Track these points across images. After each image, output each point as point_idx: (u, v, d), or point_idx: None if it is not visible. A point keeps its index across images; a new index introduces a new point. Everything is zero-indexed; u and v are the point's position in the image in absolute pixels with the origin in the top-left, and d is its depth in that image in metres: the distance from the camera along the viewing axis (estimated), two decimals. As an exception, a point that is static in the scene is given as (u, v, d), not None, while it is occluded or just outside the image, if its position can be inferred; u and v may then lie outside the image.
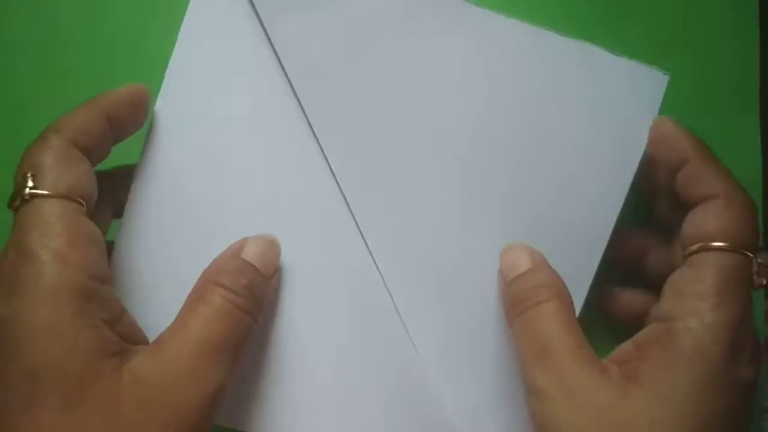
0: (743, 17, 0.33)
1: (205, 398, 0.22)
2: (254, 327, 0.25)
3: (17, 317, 0.21)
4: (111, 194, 0.27)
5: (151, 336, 0.24)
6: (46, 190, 0.23)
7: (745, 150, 0.32)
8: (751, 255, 0.24)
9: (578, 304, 0.27)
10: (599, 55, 0.27)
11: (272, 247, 0.26)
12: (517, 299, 0.25)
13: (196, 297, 0.24)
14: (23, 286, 0.21)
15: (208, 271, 0.25)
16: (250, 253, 0.25)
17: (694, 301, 0.23)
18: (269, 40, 0.28)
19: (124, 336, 0.23)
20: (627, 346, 0.25)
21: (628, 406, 0.22)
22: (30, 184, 0.22)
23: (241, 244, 0.26)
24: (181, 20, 0.31)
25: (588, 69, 0.27)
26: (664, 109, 0.32)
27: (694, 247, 0.25)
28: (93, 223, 0.24)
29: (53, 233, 0.22)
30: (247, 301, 0.24)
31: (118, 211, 0.27)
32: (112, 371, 0.21)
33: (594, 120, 0.27)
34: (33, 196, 0.22)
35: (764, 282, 0.24)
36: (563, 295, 0.25)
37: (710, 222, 0.25)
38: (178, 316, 0.23)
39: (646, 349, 0.24)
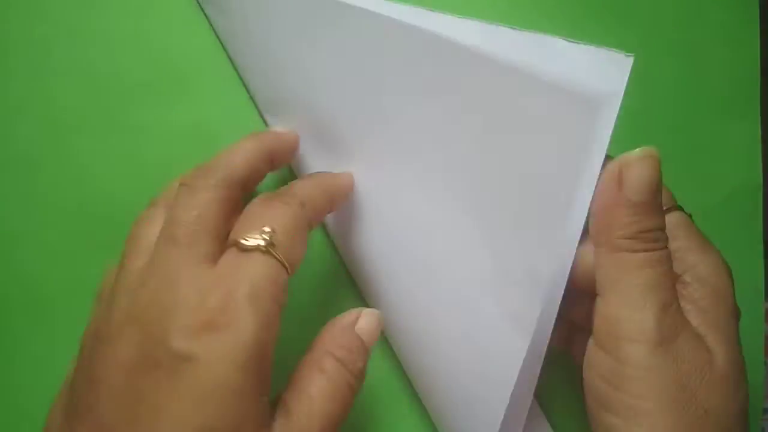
0: (744, 17, 0.32)
1: None
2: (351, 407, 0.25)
3: (205, 359, 0.21)
4: None
5: None
6: (282, 256, 0.23)
7: (745, 151, 0.32)
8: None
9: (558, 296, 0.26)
10: (556, 45, 0.25)
11: (379, 325, 0.26)
12: (600, 227, 0.25)
13: (318, 367, 0.24)
14: (217, 330, 0.21)
15: (329, 341, 0.25)
16: (362, 328, 0.26)
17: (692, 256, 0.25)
18: None
19: (268, 403, 0.23)
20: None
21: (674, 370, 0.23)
22: (273, 242, 0.23)
23: (357, 317, 0.26)
24: (181, 20, 0.31)
25: (546, 60, 0.25)
26: (664, 110, 0.33)
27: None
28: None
29: (280, 300, 0.23)
30: (359, 383, 0.25)
31: None
32: None
33: (557, 111, 0.25)
34: (272, 255, 0.23)
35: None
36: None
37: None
38: (299, 382, 0.24)
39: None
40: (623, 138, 0.32)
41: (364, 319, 0.26)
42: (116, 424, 0.21)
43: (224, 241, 0.24)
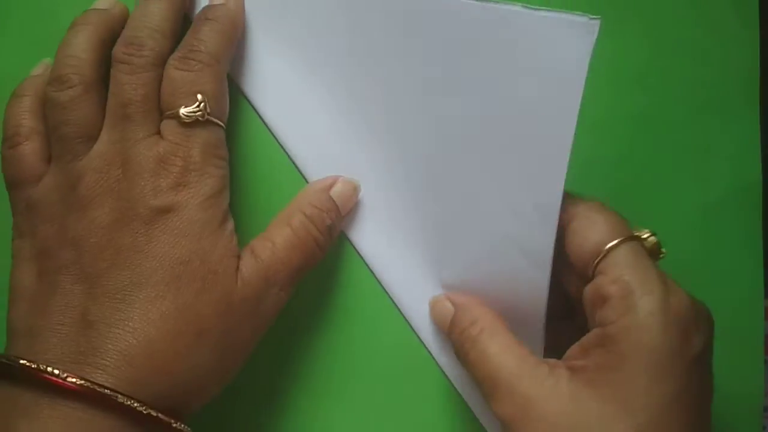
0: (744, 17, 0.32)
1: (278, 312, 0.27)
2: (320, 259, 0.29)
3: (176, 209, 0.25)
4: None
5: None
6: (217, 120, 0.27)
7: (745, 151, 0.32)
8: (641, 235, 0.25)
9: (545, 264, 0.27)
10: (518, 14, 0.24)
11: (355, 192, 0.30)
12: (457, 347, 0.27)
13: (286, 220, 0.28)
14: (182, 185, 0.26)
15: (301, 199, 0.29)
16: (338, 193, 0.29)
17: (620, 301, 0.24)
18: None
19: (232, 236, 0.27)
20: (574, 349, 0.25)
21: (580, 411, 0.23)
22: (208, 110, 0.26)
23: (333, 182, 0.30)
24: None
25: (507, 30, 0.25)
26: (665, 110, 0.33)
27: (597, 260, 0.25)
28: None
29: (223, 156, 0.27)
30: (326, 240, 0.28)
31: None
32: (233, 270, 0.26)
33: (525, 83, 0.25)
34: (209, 122, 0.27)
35: (663, 250, 0.26)
36: (487, 320, 0.26)
37: (591, 233, 0.25)
38: (268, 231, 0.28)
39: (590, 351, 0.24)
40: (623, 138, 0.32)
41: (340, 185, 0.30)
42: (100, 271, 0.25)
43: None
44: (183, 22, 0.29)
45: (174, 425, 0.24)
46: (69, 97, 0.26)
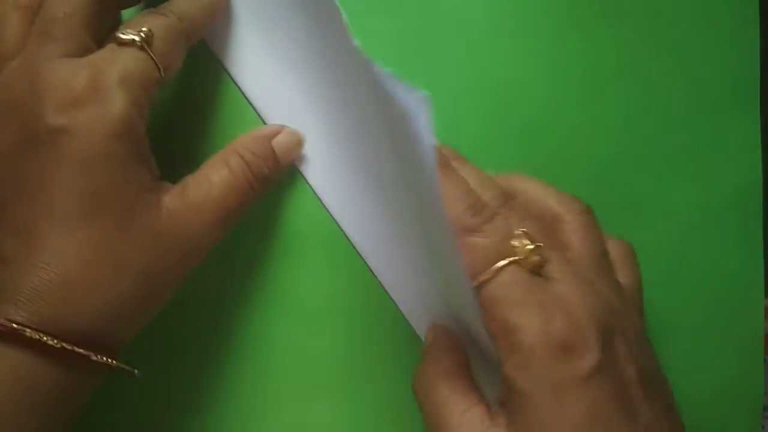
0: (743, 17, 0.32)
1: (209, 249, 0.27)
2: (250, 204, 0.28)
3: (81, 131, 0.23)
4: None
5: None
6: (157, 60, 0.25)
7: (745, 151, 0.32)
8: (520, 255, 0.23)
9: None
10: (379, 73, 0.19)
11: (298, 145, 0.30)
12: (417, 378, 0.27)
13: (223, 161, 0.27)
14: (89, 104, 0.23)
15: (240, 143, 0.28)
16: (279, 142, 0.29)
17: (504, 341, 0.23)
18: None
19: (153, 173, 0.26)
20: (502, 389, 0.24)
21: None
22: (150, 43, 0.25)
23: (276, 131, 0.29)
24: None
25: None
26: (665, 110, 0.33)
27: (478, 293, 0.23)
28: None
29: (147, 93, 0.25)
30: (261, 186, 0.28)
31: None
32: (153, 204, 0.25)
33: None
34: (144, 52, 0.25)
35: (537, 257, 0.23)
36: (451, 361, 0.26)
37: (468, 261, 0.23)
38: (203, 169, 0.27)
39: (507, 393, 0.23)
40: (623, 138, 0.32)
41: (283, 135, 0.29)
42: (7, 199, 0.24)
43: (99, 39, 0.26)
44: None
45: (94, 358, 0.23)
46: None
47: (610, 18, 0.33)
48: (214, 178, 0.27)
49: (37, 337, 0.22)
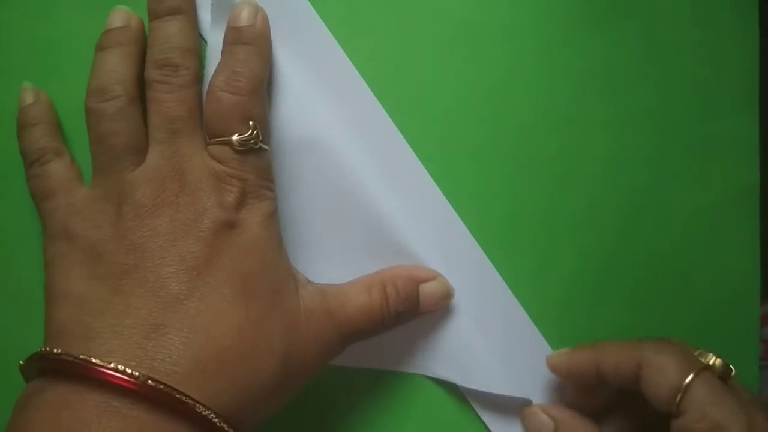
0: (744, 17, 0.32)
1: (329, 360, 0.28)
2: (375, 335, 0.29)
3: (243, 226, 0.26)
4: None
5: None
6: (266, 145, 0.27)
7: (744, 151, 0.32)
8: (708, 361, 0.27)
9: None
10: None
11: (445, 297, 0.30)
12: None
13: (367, 286, 0.28)
14: (251, 207, 0.26)
15: (390, 274, 0.29)
16: (427, 289, 0.29)
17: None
18: None
19: (287, 256, 0.28)
20: None
21: None
22: (260, 137, 0.27)
23: (430, 276, 0.30)
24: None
25: None
26: (664, 110, 0.32)
27: (677, 399, 0.25)
28: None
29: (273, 179, 0.28)
30: (392, 322, 0.29)
31: None
32: (292, 291, 0.27)
33: None
34: (261, 149, 0.27)
35: (732, 367, 0.27)
36: None
37: (665, 375, 0.26)
38: (346, 285, 0.29)
39: None
40: (623, 138, 0.32)
41: (434, 283, 0.30)
42: (165, 275, 0.24)
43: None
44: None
45: None
46: (116, 108, 0.26)
47: (609, 18, 0.32)
48: (352, 297, 0.28)
49: (206, 413, 0.23)
